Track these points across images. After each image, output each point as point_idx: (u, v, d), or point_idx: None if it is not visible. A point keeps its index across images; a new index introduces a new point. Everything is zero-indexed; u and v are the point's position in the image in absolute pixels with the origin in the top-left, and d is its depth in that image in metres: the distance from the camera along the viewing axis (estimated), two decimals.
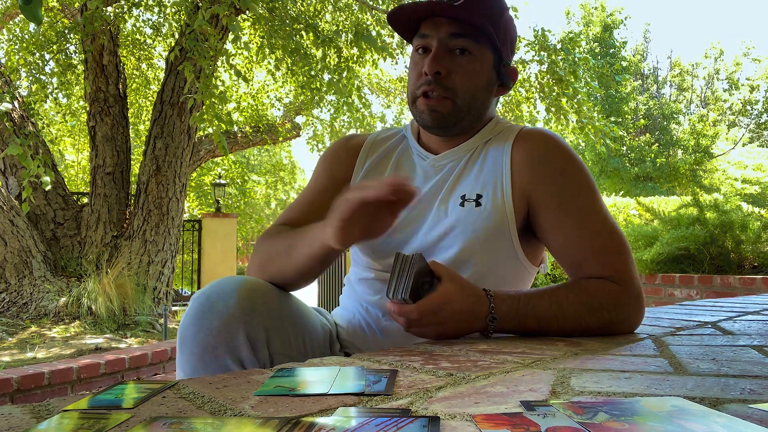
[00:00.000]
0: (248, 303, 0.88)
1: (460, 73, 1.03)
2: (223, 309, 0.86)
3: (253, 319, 0.87)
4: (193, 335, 0.86)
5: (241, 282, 0.91)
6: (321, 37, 5.41)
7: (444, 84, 1.03)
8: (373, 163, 1.17)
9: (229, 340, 0.85)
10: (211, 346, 0.85)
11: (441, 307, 0.88)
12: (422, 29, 1.06)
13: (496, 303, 0.91)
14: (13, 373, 2.87)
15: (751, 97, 20.19)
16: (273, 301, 0.94)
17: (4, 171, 5.49)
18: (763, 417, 0.50)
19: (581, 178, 1.03)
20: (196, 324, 0.86)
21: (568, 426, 0.47)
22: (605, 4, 19.55)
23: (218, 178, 11.11)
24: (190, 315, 0.88)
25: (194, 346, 0.86)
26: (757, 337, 0.96)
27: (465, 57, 1.04)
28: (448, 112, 1.04)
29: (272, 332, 0.90)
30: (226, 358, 0.85)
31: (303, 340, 0.99)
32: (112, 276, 5.29)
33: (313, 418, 0.51)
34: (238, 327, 0.86)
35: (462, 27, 1.02)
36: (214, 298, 0.87)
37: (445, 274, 0.90)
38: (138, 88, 8.91)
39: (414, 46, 1.08)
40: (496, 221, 1.02)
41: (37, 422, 0.52)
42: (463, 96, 1.04)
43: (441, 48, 1.03)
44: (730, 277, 3.95)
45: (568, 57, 6.69)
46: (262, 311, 0.89)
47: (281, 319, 0.94)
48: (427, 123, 1.06)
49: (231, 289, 0.88)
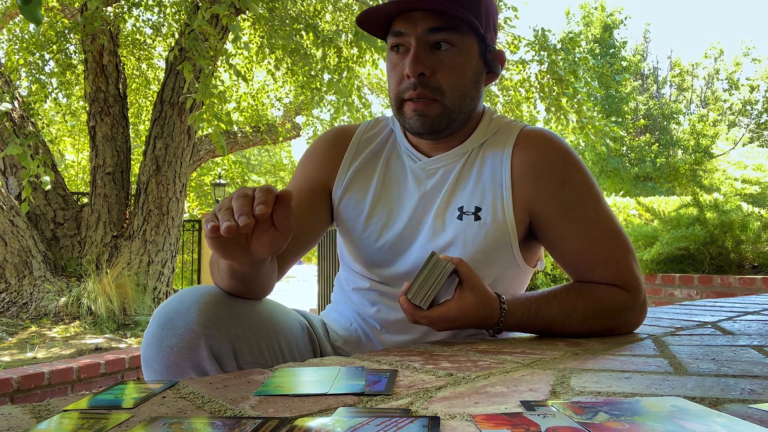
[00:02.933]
0: (210, 316, 0.83)
1: (445, 71, 0.95)
2: (183, 326, 0.81)
3: (217, 332, 0.83)
4: (155, 354, 0.82)
5: (201, 294, 0.86)
6: (321, 37, 5.40)
7: (430, 85, 0.95)
8: (361, 165, 1.09)
9: (193, 356, 0.81)
10: (174, 364, 0.81)
11: (456, 317, 0.87)
12: (396, 26, 0.96)
13: (506, 316, 0.91)
14: (13, 373, 2.87)
15: (751, 97, 20.19)
16: (238, 311, 0.89)
17: (4, 171, 5.49)
18: (763, 417, 0.49)
19: (583, 185, 0.99)
20: (157, 343, 0.82)
21: (568, 426, 0.47)
22: (605, 4, 19.55)
23: (218, 178, 11.11)
24: (150, 333, 0.83)
25: (158, 365, 0.82)
26: (757, 337, 0.96)
27: (448, 51, 0.95)
28: (438, 114, 0.96)
29: (239, 342, 0.86)
30: (191, 375, 0.82)
31: (277, 344, 0.95)
32: (112, 276, 5.29)
33: (313, 418, 0.51)
34: (200, 342, 0.81)
35: (441, 19, 0.93)
36: (172, 314, 0.83)
37: (467, 279, 0.87)
38: (138, 88, 8.91)
39: (389, 45, 0.99)
40: (498, 237, 0.98)
41: (37, 422, 0.52)
42: (452, 95, 0.96)
43: (421, 46, 0.94)
44: (730, 277, 3.95)
45: (568, 57, 6.69)
46: (225, 323, 0.85)
47: (249, 327, 0.89)
48: (417, 129, 0.98)
49: (190, 303, 0.84)
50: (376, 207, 1.06)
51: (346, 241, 1.12)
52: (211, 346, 0.82)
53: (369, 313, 1.06)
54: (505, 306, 0.90)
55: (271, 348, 0.93)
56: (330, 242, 6.29)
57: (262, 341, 0.91)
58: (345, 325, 1.10)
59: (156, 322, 0.83)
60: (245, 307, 0.91)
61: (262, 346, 0.91)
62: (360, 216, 1.07)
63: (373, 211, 1.06)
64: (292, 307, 1.11)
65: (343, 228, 1.11)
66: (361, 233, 1.07)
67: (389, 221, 1.05)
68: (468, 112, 1.01)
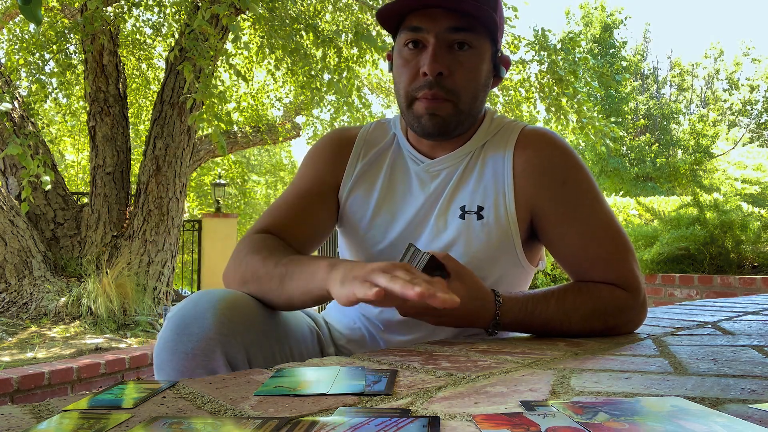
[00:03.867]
0: (226, 322, 0.82)
1: (461, 72, 0.94)
2: (198, 331, 0.80)
3: (232, 339, 0.82)
4: (169, 360, 0.80)
5: (218, 299, 0.84)
6: (321, 37, 5.40)
7: (446, 85, 0.94)
8: (365, 167, 1.09)
9: (207, 363, 0.80)
10: (188, 370, 0.80)
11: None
12: (413, 21, 0.94)
13: (502, 310, 0.90)
14: (13, 373, 2.87)
15: (751, 97, 20.18)
16: (253, 317, 0.87)
17: (4, 171, 5.49)
18: (763, 417, 0.49)
19: (584, 185, 0.99)
20: (171, 348, 0.81)
21: (568, 426, 0.47)
22: (605, 4, 19.54)
23: (218, 178, 11.10)
24: (164, 338, 0.82)
25: (171, 370, 0.81)
26: (757, 337, 0.96)
27: (466, 52, 0.94)
28: (449, 114, 0.96)
29: (253, 349, 0.85)
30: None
31: (288, 348, 0.95)
32: (112, 276, 5.29)
33: (313, 418, 0.51)
34: (216, 349, 0.80)
35: (462, 19, 0.92)
36: (189, 319, 0.81)
37: (455, 271, 0.87)
38: (138, 88, 8.90)
39: (402, 40, 0.96)
40: (500, 235, 0.99)
41: (37, 422, 0.52)
42: (465, 97, 0.96)
43: (440, 44, 0.93)
44: (730, 277, 3.95)
45: (568, 57, 6.69)
46: (241, 329, 0.83)
47: (263, 333, 0.89)
48: (427, 129, 0.97)
49: (207, 308, 0.82)
50: (380, 209, 1.06)
51: (348, 242, 1.12)
52: (227, 353, 0.81)
53: (373, 314, 1.06)
54: (500, 299, 0.90)
55: (283, 353, 0.93)
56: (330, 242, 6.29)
57: (275, 347, 0.91)
58: (349, 324, 1.10)
59: (171, 327, 0.82)
60: (259, 313, 0.90)
61: (274, 351, 0.91)
62: (364, 217, 1.07)
63: (378, 212, 1.06)
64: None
65: (346, 228, 1.11)
66: (364, 234, 1.07)
67: (392, 222, 1.05)
68: (475, 114, 1.01)
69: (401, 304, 0.85)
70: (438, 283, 0.72)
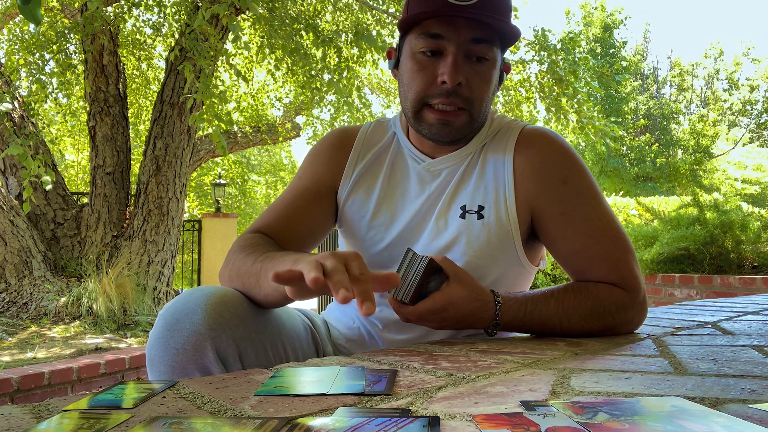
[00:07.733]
0: (216, 318, 0.83)
1: (478, 82, 0.95)
2: (189, 327, 0.81)
3: (222, 334, 0.82)
4: (161, 356, 0.81)
5: (208, 295, 0.85)
6: (321, 37, 5.40)
7: (462, 95, 0.94)
8: (365, 166, 1.09)
9: (198, 358, 0.80)
10: (179, 366, 0.80)
11: (443, 308, 0.87)
12: (433, 27, 0.93)
13: (502, 310, 0.90)
14: (13, 373, 2.87)
15: (751, 97, 20.18)
16: (243, 312, 0.88)
17: (4, 171, 5.49)
18: (763, 417, 0.49)
19: (583, 184, 1.00)
20: (163, 344, 0.81)
21: (568, 426, 0.47)
22: (605, 4, 19.54)
23: (218, 178, 11.10)
24: (155, 334, 0.83)
25: (163, 366, 0.81)
26: (757, 337, 0.96)
27: (483, 63, 0.95)
28: (464, 124, 0.97)
29: (244, 344, 0.86)
30: (197, 376, 0.81)
31: (282, 345, 0.95)
32: (112, 276, 5.29)
33: (313, 418, 0.51)
34: (206, 344, 0.81)
35: (484, 31, 0.93)
36: (179, 314, 0.82)
37: (453, 274, 0.88)
38: (138, 88, 8.91)
39: (419, 45, 0.96)
40: (501, 235, 0.99)
41: (37, 422, 0.52)
42: (479, 106, 0.97)
43: (461, 54, 0.93)
44: (730, 277, 3.95)
45: (568, 57, 6.69)
46: (231, 324, 0.84)
47: (254, 328, 0.89)
48: (438, 137, 0.98)
49: (197, 303, 0.83)
50: (380, 208, 1.07)
51: (348, 242, 1.12)
52: (217, 348, 0.82)
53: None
54: (500, 299, 0.90)
55: (276, 349, 0.93)
56: (330, 243, 6.29)
57: (267, 343, 0.91)
58: (348, 323, 1.10)
59: (162, 323, 0.83)
60: (250, 309, 0.90)
61: (266, 348, 0.91)
62: (364, 217, 1.07)
63: (378, 212, 1.07)
64: (293, 306, 1.11)
65: (346, 229, 1.11)
66: (365, 234, 1.07)
67: (392, 222, 1.05)
68: (483, 120, 1.02)
69: (399, 310, 0.87)
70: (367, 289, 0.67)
